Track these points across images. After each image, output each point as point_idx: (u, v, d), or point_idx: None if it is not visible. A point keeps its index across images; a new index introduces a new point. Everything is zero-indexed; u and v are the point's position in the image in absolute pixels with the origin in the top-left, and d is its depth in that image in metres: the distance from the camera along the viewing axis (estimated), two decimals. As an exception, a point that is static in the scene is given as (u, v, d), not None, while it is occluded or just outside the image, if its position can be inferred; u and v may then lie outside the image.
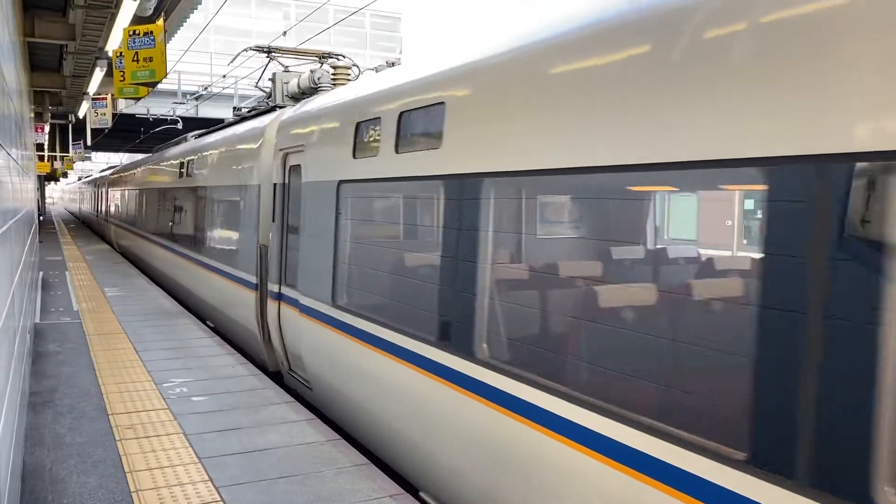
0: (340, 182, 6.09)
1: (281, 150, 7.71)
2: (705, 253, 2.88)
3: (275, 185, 7.90)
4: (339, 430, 6.40)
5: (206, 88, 28.31)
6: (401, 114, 5.09)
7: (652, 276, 3.06)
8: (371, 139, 5.60)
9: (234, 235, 9.35)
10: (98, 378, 7.05)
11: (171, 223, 14.00)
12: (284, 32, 16.05)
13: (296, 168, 7.35)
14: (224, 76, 25.19)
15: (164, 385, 6.79)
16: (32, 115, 16.67)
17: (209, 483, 4.54)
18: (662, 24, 2.98)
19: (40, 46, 12.34)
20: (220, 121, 17.69)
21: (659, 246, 3.07)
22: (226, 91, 28.51)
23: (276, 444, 5.26)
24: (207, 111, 29.37)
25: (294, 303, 7.11)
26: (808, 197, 2.33)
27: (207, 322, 10.95)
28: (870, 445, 2.15)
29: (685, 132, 2.78)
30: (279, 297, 7.61)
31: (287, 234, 7.57)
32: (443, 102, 4.49)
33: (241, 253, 8.97)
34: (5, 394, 3.28)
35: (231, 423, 5.70)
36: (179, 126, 29.42)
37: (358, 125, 5.81)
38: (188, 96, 28.64)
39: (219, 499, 4.33)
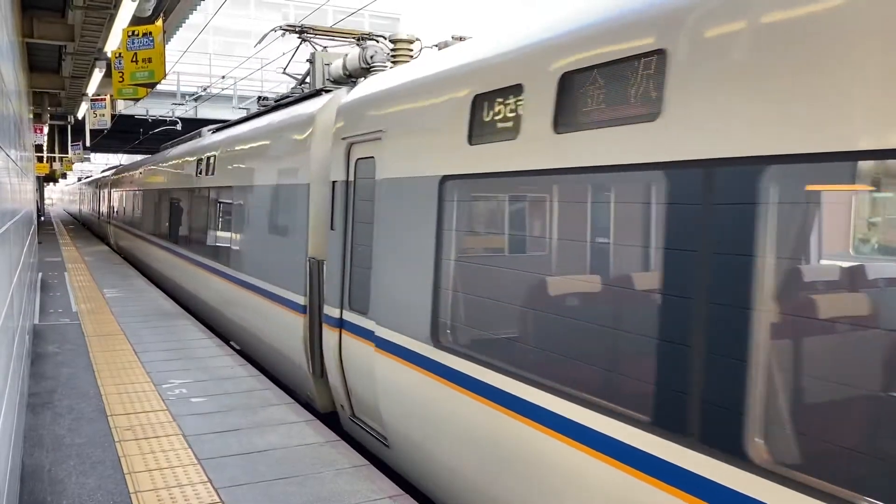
0: (444, 178, 4.56)
1: (344, 139, 6.17)
2: None
3: (333, 183, 6.40)
4: (338, 432, 6.35)
5: (205, 89, 28.30)
6: (564, 76, 3.58)
7: None
8: (502, 117, 4.09)
9: (274, 245, 7.83)
10: (97, 379, 7.04)
11: (189, 229, 12.19)
12: (283, 34, 16.02)
13: (365, 161, 5.90)
14: (223, 77, 25.19)
15: (164, 386, 6.78)
16: (31, 116, 16.67)
17: (208, 484, 4.54)
18: None
19: (39, 47, 12.33)
20: (222, 121, 17.55)
21: None
22: (225, 92, 28.50)
23: (275, 445, 5.26)
24: (206, 112, 29.35)
25: (364, 334, 5.62)
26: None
27: (232, 343, 9.67)
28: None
29: None
30: (340, 324, 6.14)
31: (353, 245, 6.09)
32: (661, 50, 3.02)
33: (283, 267, 7.45)
34: (4, 395, 3.28)
35: (230, 425, 5.69)
36: (179, 127, 29.42)
37: (476, 99, 4.29)
38: (187, 97, 28.64)
39: (218, 500, 4.32)
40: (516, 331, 3.94)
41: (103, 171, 38.49)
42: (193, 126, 29.75)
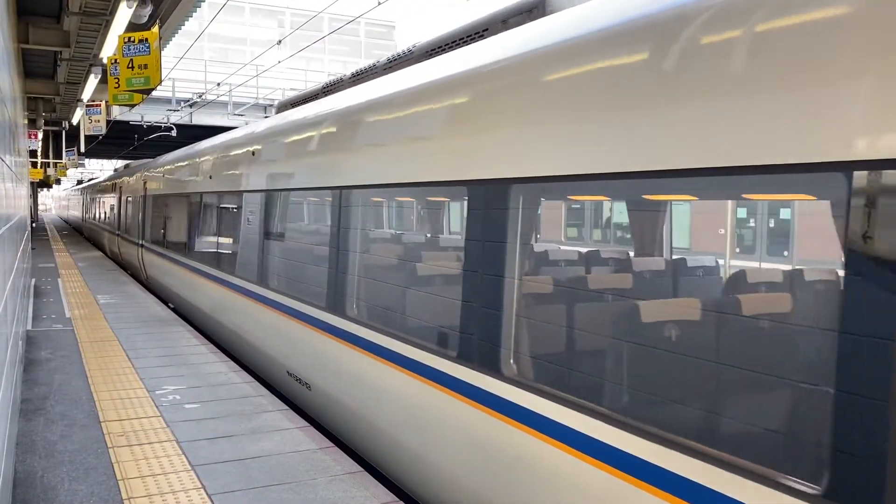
0: None
1: None
2: None
3: None
4: (333, 438, 6.39)
5: (200, 96, 28.31)
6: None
7: None
8: None
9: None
10: (90, 385, 7.02)
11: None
12: (279, 42, 16.06)
13: None
14: (219, 84, 25.20)
15: (157, 392, 6.77)
16: (26, 121, 16.64)
17: (202, 491, 4.53)
18: None
19: (34, 53, 12.32)
20: (219, 129, 17.29)
21: None
22: (220, 98, 28.51)
23: (268, 451, 5.25)
24: (202, 118, 29.36)
25: None
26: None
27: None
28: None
29: None
30: None
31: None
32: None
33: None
34: (-3, 400, 3.27)
35: (224, 431, 5.68)
36: (174, 133, 29.40)
37: None
38: (182, 103, 28.63)
39: (211, 506, 4.32)
40: None
41: (116, 169, 27.19)
42: (188, 132, 29.82)
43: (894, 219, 2.20)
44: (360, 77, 7.27)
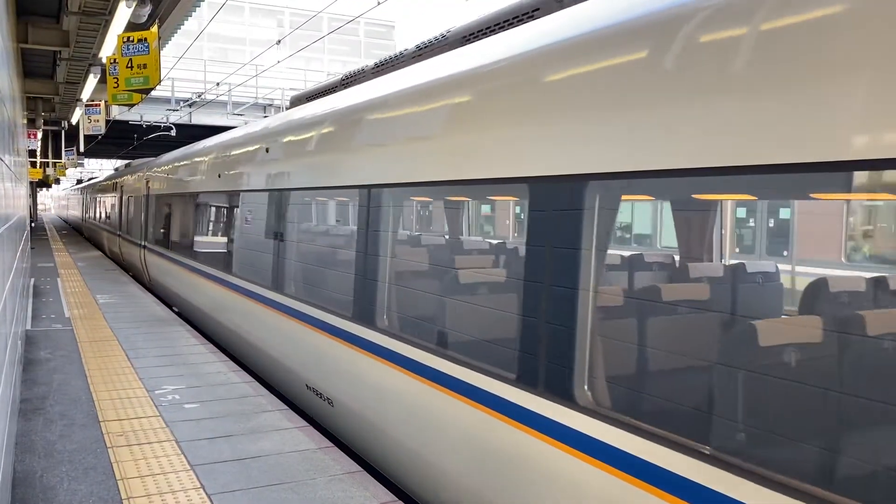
0: None
1: None
2: None
3: None
4: (333, 438, 6.39)
5: (199, 95, 28.30)
6: None
7: None
8: None
9: None
10: (89, 385, 7.02)
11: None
12: (279, 41, 16.06)
13: None
14: (218, 84, 25.20)
15: (156, 392, 6.77)
16: (25, 121, 16.64)
17: (201, 490, 4.53)
18: None
19: (34, 53, 12.32)
20: (218, 129, 17.23)
21: None
22: (220, 98, 28.51)
23: (268, 451, 5.25)
24: (201, 118, 29.36)
25: None
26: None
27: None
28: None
29: None
30: None
31: None
32: None
33: None
34: (-3, 400, 3.27)
35: (223, 431, 5.68)
36: (173, 133, 29.40)
37: None
38: (181, 103, 28.63)
39: (210, 506, 4.32)
40: None
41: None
42: (188, 132, 29.80)
43: None
44: (384, 67, 6.70)
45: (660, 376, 2.99)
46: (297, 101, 8.86)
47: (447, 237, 4.88)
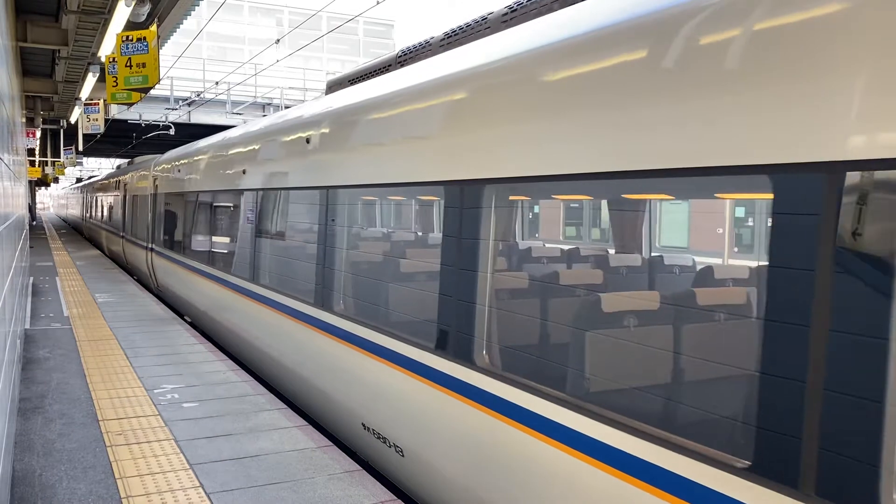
0: None
1: None
2: None
3: None
4: (331, 437, 6.40)
5: (198, 95, 28.29)
6: None
7: None
8: None
9: None
10: (88, 384, 7.02)
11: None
12: (278, 40, 16.06)
13: None
14: (217, 83, 25.19)
15: (155, 391, 6.77)
16: (24, 119, 16.63)
17: (200, 489, 4.53)
18: None
19: (33, 51, 12.32)
20: (217, 128, 17.19)
21: None
22: (219, 97, 28.50)
23: (267, 450, 5.26)
24: (200, 117, 29.35)
25: None
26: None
27: None
28: None
29: None
30: None
31: None
32: None
33: None
34: (-4, 399, 3.27)
35: (222, 430, 5.69)
36: (172, 132, 29.39)
37: None
38: (180, 102, 28.62)
39: (209, 505, 4.32)
40: None
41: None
42: (187, 131, 29.79)
43: None
44: (453, 38, 5.49)
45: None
46: (338, 84, 7.52)
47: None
